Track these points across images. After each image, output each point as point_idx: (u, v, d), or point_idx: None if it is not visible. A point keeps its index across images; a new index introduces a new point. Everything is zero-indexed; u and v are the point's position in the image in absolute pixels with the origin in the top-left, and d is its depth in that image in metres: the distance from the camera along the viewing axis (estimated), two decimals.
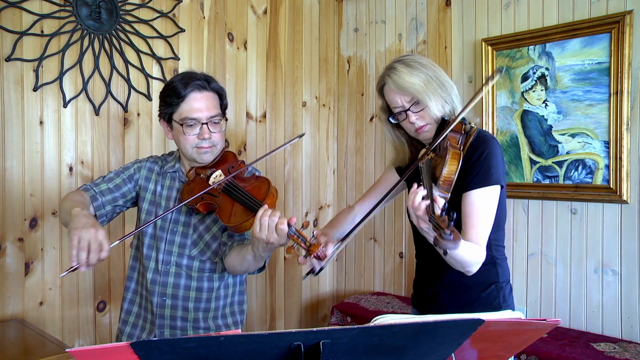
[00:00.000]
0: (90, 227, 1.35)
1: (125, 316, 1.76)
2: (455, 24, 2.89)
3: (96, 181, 1.70)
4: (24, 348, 1.92)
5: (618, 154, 2.32)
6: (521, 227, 2.64)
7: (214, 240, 1.67)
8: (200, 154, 1.62)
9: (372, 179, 3.31)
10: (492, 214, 1.49)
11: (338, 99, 3.51)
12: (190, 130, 1.59)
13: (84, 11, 2.33)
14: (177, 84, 1.59)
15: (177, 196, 1.69)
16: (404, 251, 3.17)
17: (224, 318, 1.73)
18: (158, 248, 1.67)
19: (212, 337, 0.77)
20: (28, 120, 2.23)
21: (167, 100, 1.61)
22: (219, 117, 1.64)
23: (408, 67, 1.53)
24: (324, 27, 3.43)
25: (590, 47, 2.39)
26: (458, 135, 1.46)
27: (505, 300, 1.58)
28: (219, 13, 2.86)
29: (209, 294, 1.68)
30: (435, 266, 1.61)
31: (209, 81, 1.64)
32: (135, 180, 1.73)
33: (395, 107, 1.58)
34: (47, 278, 2.28)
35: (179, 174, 1.72)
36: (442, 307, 1.62)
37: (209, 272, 1.67)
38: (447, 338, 0.94)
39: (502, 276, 1.58)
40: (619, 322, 2.36)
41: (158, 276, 1.66)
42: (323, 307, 3.47)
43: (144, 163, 1.75)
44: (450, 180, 1.35)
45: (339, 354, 0.85)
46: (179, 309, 1.66)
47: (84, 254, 1.32)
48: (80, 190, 1.66)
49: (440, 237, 1.07)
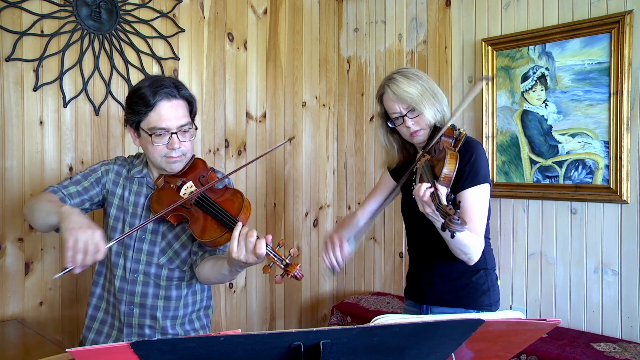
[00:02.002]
0: (87, 228, 1.30)
1: (89, 322, 1.71)
2: (455, 24, 2.89)
3: (63, 183, 1.63)
4: (24, 348, 1.92)
5: (618, 154, 2.32)
6: (521, 227, 2.64)
7: (183, 249, 1.64)
8: (170, 163, 1.57)
9: (372, 178, 3.31)
10: (486, 207, 1.71)
11: (338, 99, 3.51)
12: (159, 140, 1.53)
13: (84, 11, 2.33)
14: (145, 91, 1.52)
15: (145, 203, 1.64)
16: (404, 251, 3.17)
17: (191, 323, 1.70)
18: (126, 256, 1.63)
19: (212, 337, 0.77)
20: (28, 120, 2.23)
21: (135, 108, 1.53)
22: (189, 125, 1.58)
23: (406, 78, 1.72)
24: (324, 27, 3.43)
25: (590, 47, 2.39)
26: (450, 139, 1.65)
27: (493, 284, 1.79)
28: (219, 13, 2.86)
29: (177, 302, 1.65)
30: (429, 259, 1.81)
31: (179, 88, 1.58)
32: (103, 184, 1.67)
33: (393, 113, 1.75)
34: (47, 278, 2.28)
35: (147, 179, 1.67)
36: (437, 293, 1.80)
37: (177, 280, 1.64)
38: (447, 338, 0.94)
39: (489, 263, 1.80)
40: (619, 322, 2.36)
41: (126, 284, 1.62)
42: (323, 307, 3.47)
43: (111, 166, 1.69)
44: (450, 177, 1.52)
45: (339, 354, 0.85)
46: (147, 317, 1.63)
47: (80, 256, 1.27)
48: (47, 192, 1.58)
49: (450, 222, 1.25)
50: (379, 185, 2.02)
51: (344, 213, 3.48)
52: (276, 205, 3.16)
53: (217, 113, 2.84)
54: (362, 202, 2.01)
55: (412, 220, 1.85)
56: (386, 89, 1.74)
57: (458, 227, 1.25)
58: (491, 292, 1.77)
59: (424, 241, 1.82)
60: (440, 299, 1.78)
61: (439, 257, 1.76)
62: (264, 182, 3.10)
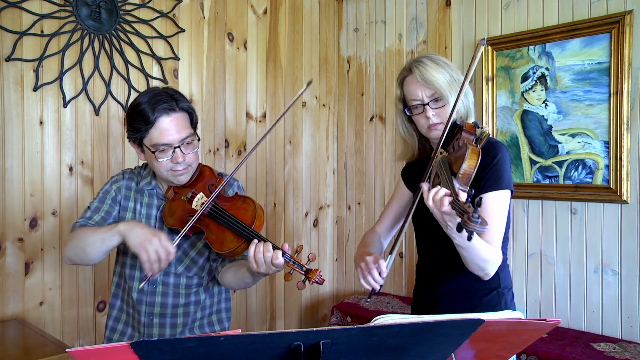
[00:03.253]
0: (152, 236, 1.38)
1: (109, 334, 1.72)
2: (455, 24, 2.89)
3: (85, 215, 1.63)
4: (24, 348, 1.92)
5: (618, 154, 2.32)
6: (521, 227, 2.64)
7: (199, 256, 1.65)
8: (176, 176, 1.57)
9: (372, 179, 3.31)
10: (504, 216, 1.49)
11: (338, 99, 3.51)
12: (163, 155, 1.53)
13: (84, 11, 2.33)
14: (145, 107, 1.50)
15: (157, 215, 1.65)
16: (404, 251, 3.17)
17: (211, 326, 1.71)
18: (142, 267, 1.61)
19: (212, 337, 0.77)
20: (28, 120, 2.23)
21: (135, 125, 1.53)
22: (191, 137, 1.57)
23: (436, 63, 1.54)
24: (324, 27, 3.43)
25: (590, 47, 2.39)
26: (472, 136, 1.46)
27: (507, 307, 1.56)
28: (219, 13, 2.86)
29: (196, 306, 1.67)
30: (436, 274, 1.61)
31: (177, 100, 1.55)
32: (118, 201, 1.68)
33: (414, 100, 1.57)
34: (47, 278, 2.28)
35: (157, 190, 1.67)
36: (442, 313, 1.57)
37: (195, 287, 1.65)
38: (447, 338, 0.94)
39: (503, 281, 1.57)
40: (619, 322, 2.36)
41: (144, 296, 1.62)
42: (323, 307, 3.47)
43: (121, 182, 1.70)
44: (470, 174, 1.34)
45: (339, 354, 0.85)
46: (168, 326, 1.64)
47: (156, 265, 1.38)
48: (78, 228, 1.58)
49: (469, 219, 1.07)
50: (394, 196, 1.83)
51: (344, 213, 3.48)
52: (276, 205, 3.16)
53: (217, 113, 2.83)
54: (380, 217, 1.85)
55: (423, 228, 1.68)
56: (413, 70, 1.55)
57: (478, 227, 1.06)
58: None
59: (434, 253, 1.63)
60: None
61: (448, 272, 1.55)
62: (264, 182, 3.10)
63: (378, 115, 3.28)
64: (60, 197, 2.31)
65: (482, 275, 1.44)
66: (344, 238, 3.50)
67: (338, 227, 3.53)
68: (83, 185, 2.38)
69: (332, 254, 3.53)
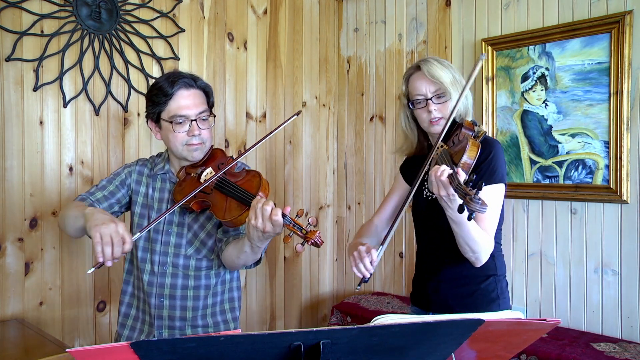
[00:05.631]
0: (110, 222, 1.38)
1: (123, 319, 1.76)
2: (455, 24, 2.89)
3: (90, 190, 1.71)
4: (24, 348, 1.92)
5: (618, 154, 2.32)
6: (521, 227, 2.64)
7: (209, 238, 1.68)
8: (191, 151, 1.63)
9: (372, 179, 3.31)
10: (499, 208, 1.63)
11: (338, 99, 3.51)
12: (180, 128, 1.60)
13: (84, 11, 2.33)
14: (164, 83, 1.60)
15: (169, 197, 1.69)
16: (404, 251, 3.17)
17: (223, 314, 1.74)
18: (153, 250, 1.67)
19: (212, 337, 0.77)
20: (28, 120, 2.23)
21: (155, 99, 1.61)
22: (207, 113, 1.65)
23: (441, 64, 1.68)
24: (324, 27, 3.43)
25: (590, 47, 2.39)
26: (470, 132, 1.59)
27: (503, 292, 1.70)
28: (219, 13, 2.86)
29: (207, 291, 1.69)
30: (436, 262, 1.73)
31: (195, 79, 1.66)
32: (128, 185, 1.74)
33: (418, 95, 1.68)
34: (47, 278, 2.28)
35: (169, 175, 1.72)
36: (443, 299, 1.71)
37: (205, 269, 1.68)
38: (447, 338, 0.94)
39: (499, 269, 1.71)
40: (619, 322, 2.36)
41: (155, 278, 1.67)
42: (323, 307, 3.47)
43: (134, 167, 1.76)
44: (470, 165, 1.46)
45: (339, 354, 0.85)
46: (177, 308, 1.67)
47: (108, 248, 1.35)
48: (77, 201, 1.67)
49: (471, 200, 1.18)
50: (393, 189, 1.93)
51: (344, 213, 3.48)
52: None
53: (217, 113, 2.83)
54: (378, 208, 1.94)
55: (422, 222, 1.80)
56: (422, 66, 1.67)
57: (479, 207, 1.17)
58: (500, 300, 1.68)
59: (433, 243, 1.75)
60: (446, 305, 1.69)
61: (447, 261, 1.68)
62: None
63: (378, 115, 3.28)
64: (60, 197, 2.31)
65: (474, 259, 1.56)
66: (344, 238, 3.50)
67: (338, 227, 3.53)
68: (83, 185, 2.38)
69: (332, 254, 3.53)
